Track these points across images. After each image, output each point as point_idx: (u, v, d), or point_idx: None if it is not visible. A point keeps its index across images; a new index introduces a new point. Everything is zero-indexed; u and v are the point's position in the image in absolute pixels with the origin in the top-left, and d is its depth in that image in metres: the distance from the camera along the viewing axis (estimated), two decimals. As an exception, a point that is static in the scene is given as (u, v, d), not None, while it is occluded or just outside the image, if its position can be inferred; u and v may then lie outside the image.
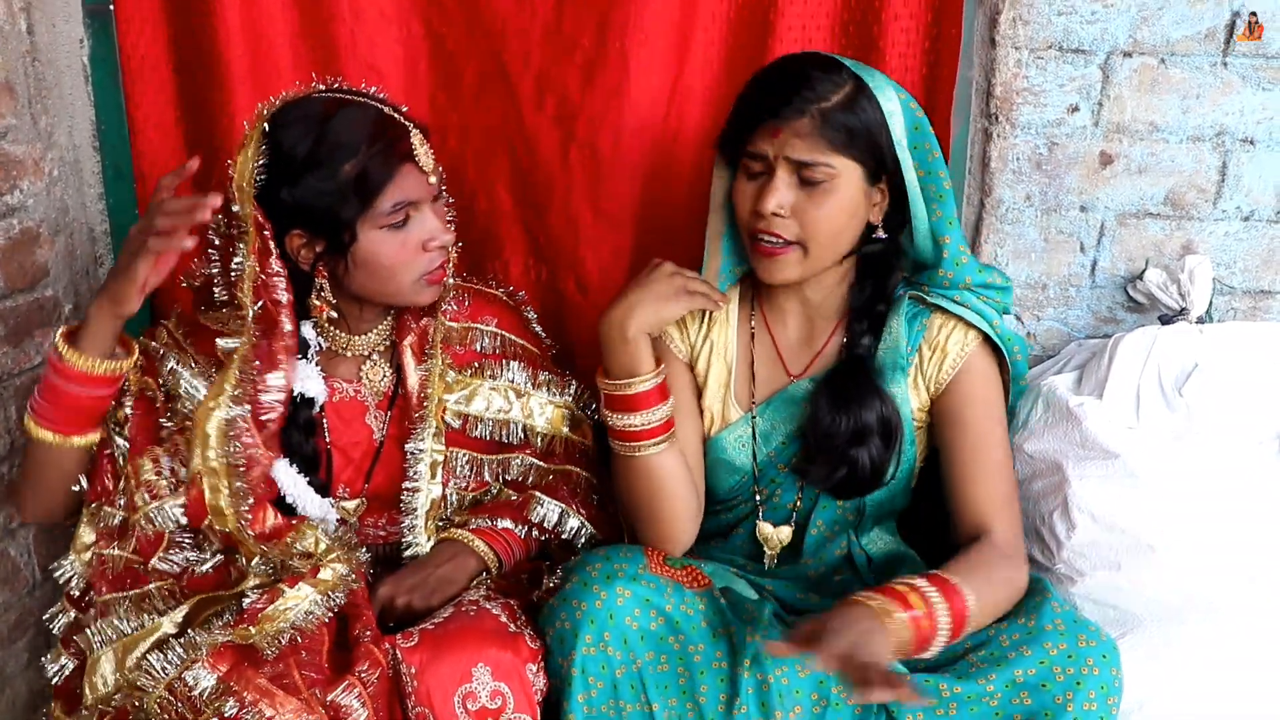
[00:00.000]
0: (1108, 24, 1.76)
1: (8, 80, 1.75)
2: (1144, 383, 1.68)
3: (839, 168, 1.45)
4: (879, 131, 1.46)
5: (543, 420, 1.71)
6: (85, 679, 1.49)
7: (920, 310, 1.59)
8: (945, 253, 1.55)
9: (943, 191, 1.53)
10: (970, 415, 1.55)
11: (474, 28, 1.90)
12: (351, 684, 1.39)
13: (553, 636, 1.43)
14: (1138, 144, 1.81)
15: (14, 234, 1.76)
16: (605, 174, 1.93)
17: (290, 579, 1.50)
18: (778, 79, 1.50)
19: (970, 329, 1.57)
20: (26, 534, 1.82)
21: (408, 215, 1.52)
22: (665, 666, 1.42)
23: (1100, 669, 1.33)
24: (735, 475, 1.62)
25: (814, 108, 1.44)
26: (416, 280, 1.55)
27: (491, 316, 1.73)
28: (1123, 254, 1.88)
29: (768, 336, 1.64)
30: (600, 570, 1.44)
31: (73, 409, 1.51)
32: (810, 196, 1.47)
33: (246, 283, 1.51)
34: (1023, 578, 1.47)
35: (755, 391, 1.62)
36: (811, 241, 1.49)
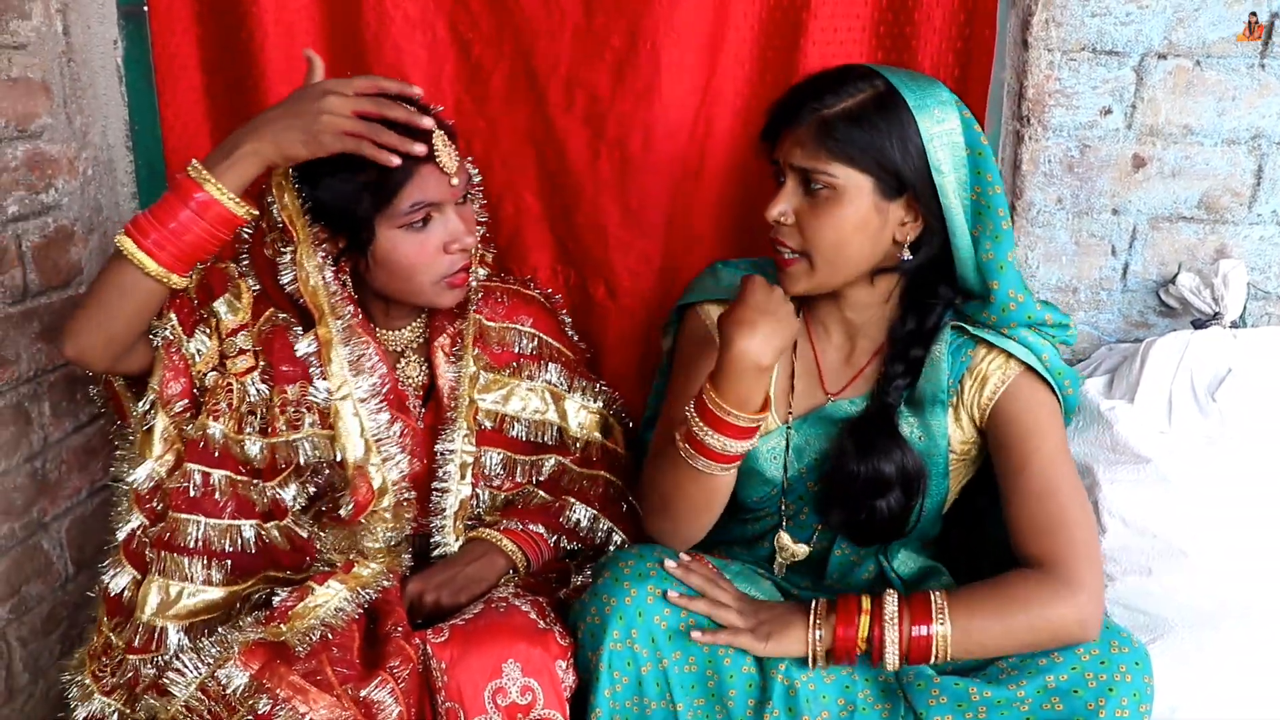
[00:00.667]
0: (1142, 25, 1.75)
1: (44, 80, 1.76)
2: (1176, 387, 1.67)
3: (840, 178, 1.40)
4: (896, 146, 1.39)
5: (577, 424, 1.72)
6: (139, 596, 1.51)
7: (965, 341, 1.52)
8: (993, 297, 1.47)
9: (999, 231, 1.44)
10: (1012, 439, 1.46)
11: (502, 30, 1.90)
12: (384, 680, 1.39)
13: (583, 631, 1.44)
14: (1171, 147, 1.80)
15: (49, 232, 1.78)
16: (634, 175, 1.92)
17: (320, 576, 1.51)
18: (797, 86, 1.48)
19: (1012, 359, 1.49)
20: (59, 527, 1.84)
21: (428, 216, 1.51)
22: (693, 667, 1.41)
23: (1133, 675, 1.32)
24: (765, 487, 1.60)
25: (814, 115, 1.41)
26: (436, 282, 1.55)
27: (528, 317, 1.74)
28: (1155, 258, 1.86)
29: (809, 349, 1.60)
30: (632, 568, 1.44)
31: (194, 246, 1.43)
32: (813, 206, 1.43)
33: (310, 268, 1.51)
34: (1069, 612, 1.34)
35: (793, 404, 1.59)
36: (814, 253, 1.44)
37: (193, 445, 1.52)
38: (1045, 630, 1.34)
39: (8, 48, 1.68)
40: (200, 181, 1.40)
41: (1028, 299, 1.49)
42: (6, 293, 1.68)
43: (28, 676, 1.78)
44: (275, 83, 1.90)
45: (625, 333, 2.02)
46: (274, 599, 1.50)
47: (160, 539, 1.52)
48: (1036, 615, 1.34)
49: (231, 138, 1.42)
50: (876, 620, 1.36)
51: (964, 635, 1.34)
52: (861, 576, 1.60)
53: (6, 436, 1.70)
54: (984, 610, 1.35)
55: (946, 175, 1.41)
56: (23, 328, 1.72)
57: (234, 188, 1.41)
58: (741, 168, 1.91)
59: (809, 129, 1.41)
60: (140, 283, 1.43)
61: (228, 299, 1.55)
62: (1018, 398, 1.48)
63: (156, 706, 1.44)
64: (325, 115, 1.38)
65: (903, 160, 1.40)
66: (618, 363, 2.03)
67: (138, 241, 1.41)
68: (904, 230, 1.45)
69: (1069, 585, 1.34)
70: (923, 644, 1.34)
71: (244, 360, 1.55)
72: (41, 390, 1.78)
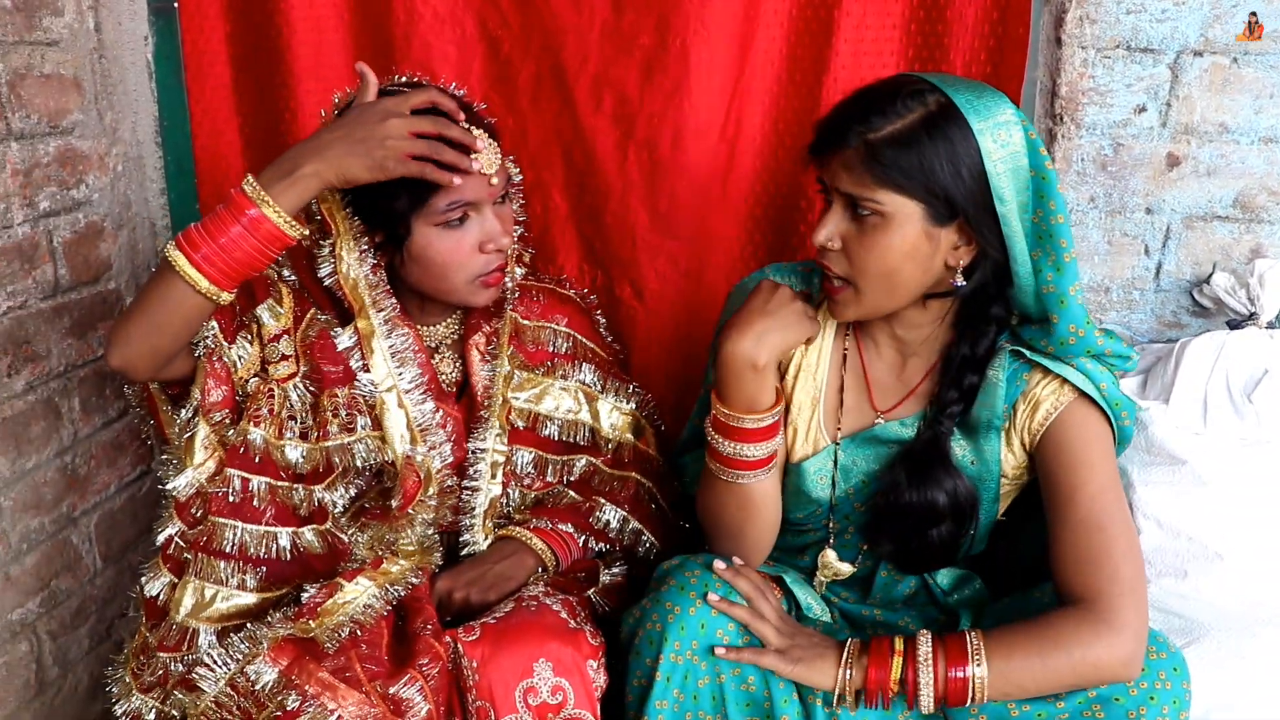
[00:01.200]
0: (1178, 22, 1.73)
1: (76, 77, 1.77)
2: (1212, 388, 1.65)
3: (888, 205, 1.31)
4: (947, 170, 1.30)
5: (609, 425, 1.71)
6: (174, 598, 1.51)
7: (1021, 366, 1.44)
8: (1052, 330, 1.39)
9: (1061, 262, 1.35)
10: (1061, 467, 1.39)
11: (530, 28, 1.90)
12: (413, 677, 1.39)
13: (641, 637, 1.41)
14: (1206, 145, 1.78)
15: (79, 227, 1.79)
16: (663, 176, 1.92)
17: (349, 573, 1.50)
18: (841, 105, 1.39)
19: (1066, 384, 1.42)
20: (88, 522, 1.84)
21: (465, 214, 1.50)
22: (750, 687, 1.38)
23: (1173, 683, 1.29)
24: (810, 505, 1.56)
25: (860, 140, 1.31)
26: (471, 281, 1.54)
27: (563, 316, 1.73)
28: (1189, 257, 1.85)
29: (859, 364, 1.54)
30: (699, 578, 1.41)
31: (242, 263, 1.39)
32: (860, 232, 1.35)
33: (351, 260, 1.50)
34: (1111, 654, 1.27)
35: (841, 422, 1.54)
36: (860, 279, 1.37)
37: (233, 451, 1.52)
38: (1087, 671, 1.29)
39: (41, 44, 1.68)
40: (256, 200, 1.37)
41: (1089, 333, 1.40)
42: (38, 288, 1.69)
43: (57, 670, 1.78)
44: (303, 78, 1.91)
45: (651, 334, 2.02)
46: (302, 595, 1.50)
47: (198, 542, 1.52)
48: (1078, 657, 1.28)
49: (291, 156, 1.39)
50: (910, 662, 1.32)
51: (1001, 677, 1.29)
52: (904, 591, 1.58)
53: (37, 431, 1.71)
54: (1022, 651, 1.29)
55: (1008, 203, 1.32)
56: (54, 323, 1.73)
57: (289, 208, 1.38)
58: (773, 169, 1.90)
59: (855, 153, 1.32)
60: (189, 298, 1.40)
61: (269, 304, 1.54)
62: (1069, 425, 1.41)
63: (186, 702, 1.44)
64: (390, 141, 1.38)
65: (954, 184, 1.31)
66: (643, 364, 2.02)
67: (188, 256, 1.37)
68: (956, 255, 1.37)
69: (1110, 625, 1.28)
70: (959, 686, 1.30)
71: (285, 366, 1.54)
72: (71, 385, 1.78)
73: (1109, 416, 1.43)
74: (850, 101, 1.37)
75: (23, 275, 1.66)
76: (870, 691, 1.33)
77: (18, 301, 1.65)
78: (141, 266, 1.96)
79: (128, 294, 1.92)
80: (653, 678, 1.38)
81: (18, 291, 1.65)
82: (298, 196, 1.39)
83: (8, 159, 1.62)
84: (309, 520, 1.57)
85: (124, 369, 1.45)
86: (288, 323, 1.55)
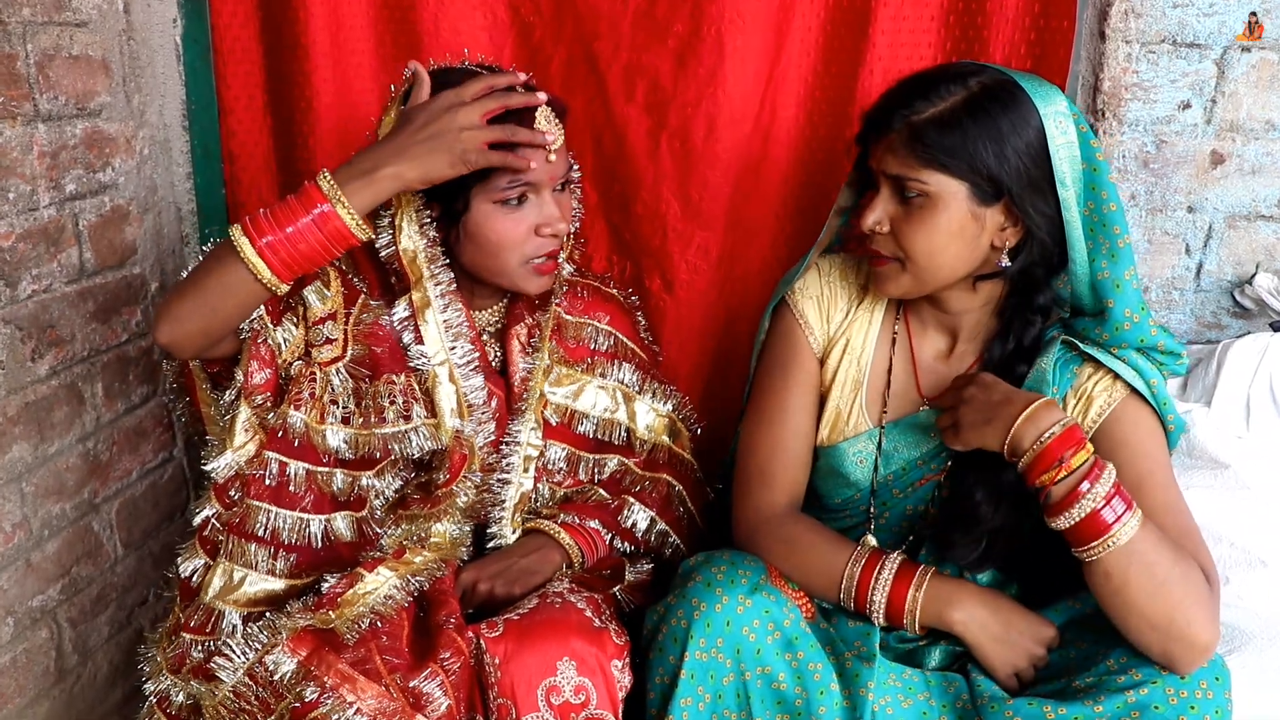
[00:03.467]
0: (1225, 17, 1.69)
1: (104, 59, 1.75)
2: (1255, 391, 1.62)
3: (933, 185, 1.36)
4: (991, 150, 1.34)
5: (645, 426, 1.69)
6: (205, 579, 1.49)
7: (1072, 357, 1.45)
8: (1107, 315, 1.40)
9: (1115, 250, 1.38)
10: (1124, 460, 1.37)
11: (563, 14, 1.88)
12: (434, 672, 1.37)
13: (665, 634, 1.39)
14: (1252, 143, 1.75)
15: (105, 211, 1.77)
16: (695, 165, 1.89)
17: (369, 563, 1.49)
18: (888, 92, 1.43)
19: (1119, 380, 1.42)
20: (110, 509, 1.83)
21: (524, 195, 1.50)
22: (782, 685, 1.36)
23: (1215, 692, 1.26)
24: (850, 490, 1.55)
25: (903, 122, 1.37)
26: (524, 264, 1.53)
27: (606, 314, 1.71)
28: (1230, 257, 1.81)
29: (907, 348, 1.56)
30: (725, 573, 1.39)
31: (306, 256, 1.38)
32: (908, 214, 1.39)
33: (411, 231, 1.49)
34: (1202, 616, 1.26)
35: (888, 406, 1.54)
36: (910, 260, 1.41)
37: (272, 434, 1.49)
38: (1183, 618, 1.25)
39: (70, 25, 1.67)
40: (331, 196, 1.36)
41: (1144, 319, 1.41)
42: (63, 271, 1.68)
43: (76, 658, 1.77)
44: (319, 66, 1.89)
45: (681, 326, 1.99)
46: (323, 585, 1.48)
47: (231, 524, 1.50)
48: (1191, 597, 1.26)
49: (370, 155, 1.38)
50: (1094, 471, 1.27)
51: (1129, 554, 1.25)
52: None
53: (60, 416, 1.69)
54: (1163, 550, 1.26)
55: (1069, 188, 1.36)
56: (78, 307, 1.72)
57: (362, 208, 1.37)
58: (806, 160, 1.88)
59: (899, 136, 1.37)
60: (247, 284, 1.38)
61: (317, 287, 1.52)
62: (1125, 420, 1.41)
63: (202, 692, 1.42)
64: (466, 133, 1.37)
65: (998, 164, 1.34)
66: (671, 357, 2.00)
67: (253, 241, 1.36)
68: (1003, 236, 1.40)
69: (1215, 598, 1.29)
70: (1099, 527, 1.25)
71: (330, 350, 1.52)
72: (95, 370, 1.77)
73: (1159, 414, 1.41)
74: (896, 88, 1.42)
75: (48, 258, 1.64)
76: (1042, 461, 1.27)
77: (43, 285, 1.64)
78: (167, 251, 1.94)
79: (152, 279, 1.90)
80: (677, 675, 1.36)
81: (43, 275, 1.63)
82: (373, 197, 1.38)
83: (35, 140, 1.60)
84: (345, 506, 1.55)
85: (171, 346, 1.43)
86: (335, 305, 1.52)
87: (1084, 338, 1.44)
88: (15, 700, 1.64)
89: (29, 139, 1.59)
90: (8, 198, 1.55)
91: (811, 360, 1.59)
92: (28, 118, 1.59)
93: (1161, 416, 1.42)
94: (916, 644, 1.52)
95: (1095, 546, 1.27)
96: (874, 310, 1.57)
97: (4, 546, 1.60)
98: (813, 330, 1.59)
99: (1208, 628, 1.26)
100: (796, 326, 1.59)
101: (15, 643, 1.64)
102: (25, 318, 1.61)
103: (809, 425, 1.58)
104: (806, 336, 1.59)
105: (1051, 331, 1.47)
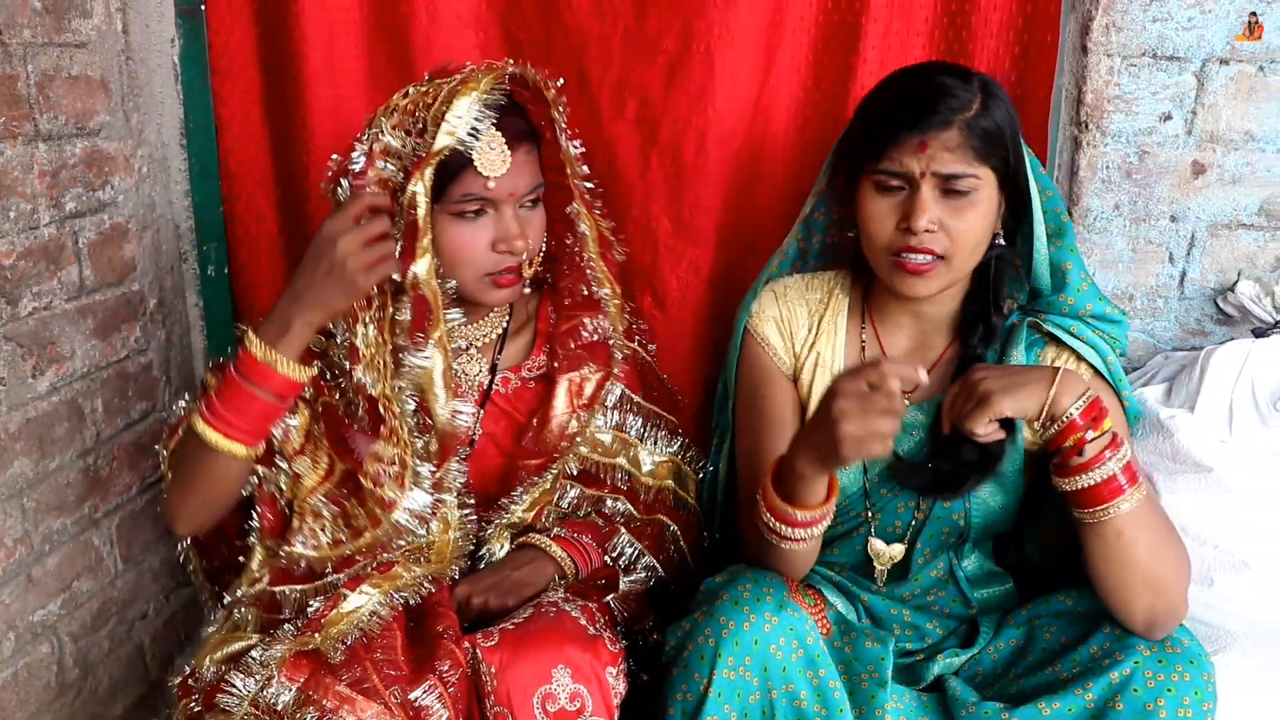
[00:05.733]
0: (1204, 30, 1.72)
1: (103, 78, 1.78)
2: (1237, 397, 1.64)
3: (982, 177, 1.42)
4: (1006, 134, 1.43)
5: (648, 473, 1.72)
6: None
7: (1036, 340, 1.54)
8: (1068, 279, 1.52)
9: (1061, 225, 1.52)
10: None
11: (552, 32, 1.89)
12: (433, 684, 1.38)
13: (691, 651, 1.38)
14: (1232, 153, 1.78)
15: (104, 229, 1.80)
16: (687, 182, 1.91)
17: (351, 581, 1.49)
18: (916, 90, 1.44)
19: (1083, 361, 1.52)
20: (109, 524, 1.85)
21: (482, 209, 1.52)
22: (803, 703, 1.36)
23: (1191, 674, 1.29)
24: (839, 496, 1.55)
25: (959, 118, 1.40)
26: (481, 278, 1.55)
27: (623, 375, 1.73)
28: (1213, 265, 1.84)
29: (878, 348, 1.59)
30: (751, 591, 1.39)
31: (268, 415, 1.46)
32: (955, 209, 1.42)
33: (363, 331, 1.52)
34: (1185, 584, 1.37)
35: None
36: (955, 254, 1.44)
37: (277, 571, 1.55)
38: (1173, 579, 1.35)
39: (69, 46, 1.69)
40: (264, 359, 1.42)
41: (1092, 285, 1.55)
42: (63, 288, 1.70)
43: (77, 672, 1.79)
44: (313, 83, 1.91)
45: (673, 344, 1.99)
46: (308, 609, 1.49)
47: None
48: (1177, 561, 1.35)
49: (281, 312, 1.43)
50: (1115, 439, 1.34)
51: (1136, 516, 1.33)
52: (931, 574, 1.57)
53: (60, 432, 1.71)
54: (1162, 517, 1.37)
55: (1024, 161, 1.46)
56: (78, 324, 1.74)
57: (295, 355, 1.44)
58: (798, 174, 1.89)
59: (956, 133, 1.40)
60: (231, 464, 1.47)
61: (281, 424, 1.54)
62: None
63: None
64: (349, 261, 1.39)
65: (1012, 150, 1.45)
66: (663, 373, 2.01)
67: (217, 428, 1.44)
68: (1000, 215, 1.49)
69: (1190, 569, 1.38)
70: (1113, 489, 1.32)
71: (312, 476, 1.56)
72: (95, 387, 1.79)
73: (1117, 391, 1.51)
74: (922, 84, 1.45)
75: (48, 276, 1.67)
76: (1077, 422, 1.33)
77: (43, 302, 1.66)
78: (165, 268, 1.97)
79: (151, 295, 1.92)
80: (705, 694, 1.36)
81: (43, 292, 1.66)
82: (300, 344, 1.44)
83: (35, 160, 1.62)
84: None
85: (192, 534, 1.60)
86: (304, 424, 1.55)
87: (1045, 316, 1.54)
88: (16, 714, 1.65)
89: (29, 158, 1.61)
90: (8, 216, 1.58)
91: (783, 379, 1.62)
92: (28, 137, 1.61)
93: (1119, 393, 1.51)
94: (916, 659, 1.55)
95: (1110, 506, 1.33)
96: (837, 319, 1.61)
97: (5, 561, 1.62)
98: (777, 351, 1.62)
99: (1184, 591, 1.36)
100: (762, 351, 1.63)
101: (16, 657, 1.65)
102: (26, 334, 1.63)
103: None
104: (773, 359, 1.62)
105: (1013, 318, 1.55)
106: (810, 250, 1.73)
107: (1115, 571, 1.35)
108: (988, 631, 1.54)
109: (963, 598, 1.57)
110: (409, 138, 1.48)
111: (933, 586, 1.58)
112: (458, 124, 1.45)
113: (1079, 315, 1.53)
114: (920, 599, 1.58)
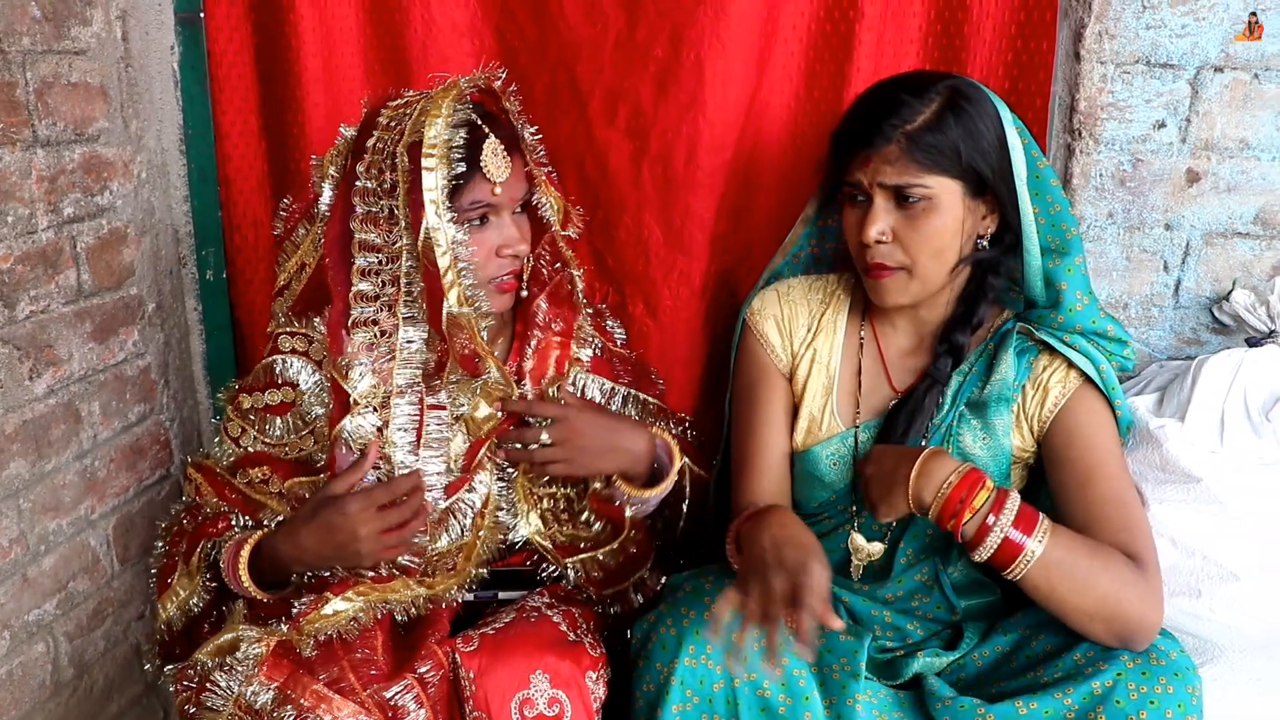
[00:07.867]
0: (1198, 38, 1.71)
1: (103, 85, 1.80)
2: (1229, 406, 1.62)
3: (934, 186, 1.43)
4: (975, 145, 1.43)
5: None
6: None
7: (1029, 347, 1.55)
8: (1062, 297, 1.51)
9: (1065, 244, 1.50)
10: (1075, 453, 1.48)
11: (546, 39, 1.90)
12: (410, 685, 1.39)
13: (655, 642, 1.41)
14: (1227, 161, 1.76)
15: (103, 234, 1.82)
16: (678, 191, 1.90)
17: (337, 586, 1.49)
18: (864, 107, 1.49)
19: (1074, 368, 1.52)
20: (106, 525, 1.87)
21: (485, 215, 1.53)
22: (766, 692, 1.37)
23: (1175, 687, 1.28)
24: (827, 492, 1.60)
25: (899, 133, 1.42)
26: (486, 284, 1.56)
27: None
28: (1208, 274, 1.82)
29: (875, 348, 1.62)
30: (713, 583, 1.43)
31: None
32: (909, 219, 1.45)
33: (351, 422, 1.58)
34: (1141, 598, 1.34)
35: (861, 405, 1.60)
36: (916, 264, 1.47)
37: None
38: (1112, 605, 1.34)
39: (69, 53, 1.72)
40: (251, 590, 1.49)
41: (1092, 303, 1.53)
42: (61, 292, 1.72)
43: (73, 672, 1.81)
44: (310, 91, 1.93)
45: (665, 351, 2.00)
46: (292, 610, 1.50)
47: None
48: (1117, 584, 1.34)
49: (281, 556, 1.48)
50: (999, 501, 1.35)
51: (1047, 565, 1.33)
52: (915, 578, 1.58)
53: (58, 434, 1.73)
54: (1078, 553, 1.35)
55: (1021, 174, 1.46)
56: (75, 327, 1.76)
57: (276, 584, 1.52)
58: (792, 182, 1.89)
59: (896, 146, 1.42)
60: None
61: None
62: (1079, 411, 1.50)
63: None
64: (365, 547, 1.46)
65: (983, 158, 1.44)
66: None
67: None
68: (984, 224, 1.51)
69: (1150, 584, 1.36)
70: (1013, 550, 1.34)
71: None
72: (92, 389, 1.81)
73: (1110, 401, 1.50)
74: (873, 101, 1.48)
75: (46, 280, 1.69)
76: (949, 505, 1.34)
77: (40, 306, 1.68)
78: (163, 273, 1.99)
79: (150, 300, 1.95)
80: (667, 683, 1.38)
81: (40, 296, 1.68)
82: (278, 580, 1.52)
83: (34, 166, 1.65)
84: None
85: None
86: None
87: (1039, 325, 1.54)
88: (11, 713, 1.68)
89: (28, 164, 1.64)
90: (6, 221, 1.60)
91: (778, 376, 1.64)
92: (27, 143, 1.64)
93: (1111, 403, 1.50)
94: (895, 655, 1.54)
95: (1016, 567, 1.35)
96: (837, 319, 1.64)
97: (1, 561, 1.64)
98: (774, 348, 1.64)
99: (1139, 604, 1.34)
100: (760, 347, 1.66)
101: (11, 656, 1.67)
102: (23, 337, 1.65)
103: (784, 438, 1.63)
104: (770, 355, 1.64)
105: (1008, 325, 1.56)
106: (824, 255, 1.76)
107: (1058, 609, 1.37)
108: (972, 637, 1.54)
109: (948, 604, 1.57)
110: (384, 174, 1.49)
111: (916, 591, 1.58)
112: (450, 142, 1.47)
113: (1074, 331, 1.52)
114: (903, 603, 1.58)
